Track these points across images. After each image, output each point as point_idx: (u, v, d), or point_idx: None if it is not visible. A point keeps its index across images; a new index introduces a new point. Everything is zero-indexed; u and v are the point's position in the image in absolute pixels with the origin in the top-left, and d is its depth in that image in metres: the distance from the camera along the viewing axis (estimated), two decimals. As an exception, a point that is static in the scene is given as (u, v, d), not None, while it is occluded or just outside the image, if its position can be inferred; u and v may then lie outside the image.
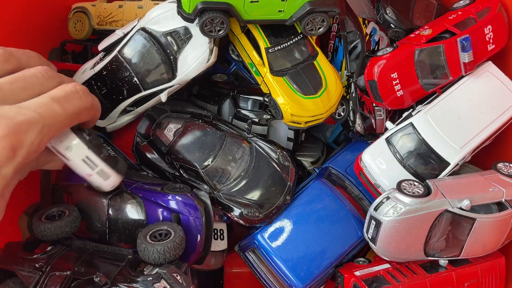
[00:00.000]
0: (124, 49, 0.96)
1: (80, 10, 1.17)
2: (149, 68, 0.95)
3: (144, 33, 0.94)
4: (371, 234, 0.88)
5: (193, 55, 0.94)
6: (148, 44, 0.94)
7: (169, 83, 0.95)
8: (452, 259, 0.90)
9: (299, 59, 0.98)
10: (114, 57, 0.96)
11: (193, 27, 0.93)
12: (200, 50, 0.93)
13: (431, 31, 0.97)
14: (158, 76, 0.95)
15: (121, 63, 0.96)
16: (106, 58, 0.98)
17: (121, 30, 0.98)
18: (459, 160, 0.92)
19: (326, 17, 0.93)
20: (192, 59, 0.94)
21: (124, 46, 0.96)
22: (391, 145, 0.96)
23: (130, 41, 0.95)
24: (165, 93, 0.96)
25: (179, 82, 0.95)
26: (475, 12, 0.98)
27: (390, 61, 0.96)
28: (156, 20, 0.95)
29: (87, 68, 1.00)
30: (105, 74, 0.98)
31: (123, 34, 0.97)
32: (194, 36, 0.94)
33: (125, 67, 0.96)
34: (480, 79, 0.97)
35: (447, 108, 0.95)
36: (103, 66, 0.98)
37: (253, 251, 0.99)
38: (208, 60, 0.94)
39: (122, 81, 0.97)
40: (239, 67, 1.12)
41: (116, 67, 0.97)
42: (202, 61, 0.94)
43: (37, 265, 0.73)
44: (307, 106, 0.95)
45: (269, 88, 0.97)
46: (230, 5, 0.87)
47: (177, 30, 0.94)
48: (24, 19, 1.10)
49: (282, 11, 0.90)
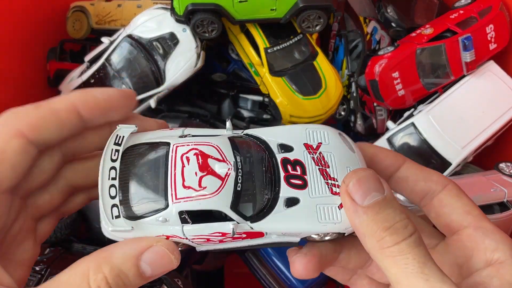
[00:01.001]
0: (111, 57, 0.96)
1: (79, 9, 1.16)
2: (137, 75, 0.95)
3: (131, 40, 0.95)
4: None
5: (180, 60, 0.94)
6: (135, 50, 0.95)
7: (158, 89, 0.95)
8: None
9: (298, 59, 0.98)
10: (101, 65, 0.97)
11: (179, 32, 0.94)
12: (187, 55, 0.93)
13: (433, 30, 0.96)
14: (146, 83, 0.96)
15: (109, 71, 0.96)
16: (93, 66, 0.98)
17: (107, 38, 0.98)
18: (461, 160, 0.92)
19: (321, 14, 0.92)
20: (180, 64, 0.94)
21: (111, 53, 0.96)
22: (392, 145, 0.95)
23: (117, 48, 0.96)
24: (154, 99, 0.96)
25: (168, 88, 0.96)
26: (477, 11, 0.97)
27: (391, 60, 0.95)
28: (142, 27, 0.95)
29: (74, 77, 1.01)
30: (93, 82, 0.98)
31: (110, 41, 0.97)
32: (180, 41, 0.94)
33: (113, 75, 0.96)
34: (482, 78, 0.97)
35: (449, 107, 0.95)
36: (91, 74, 0.98)
37: (253, 252, 0.99)
38: (196, 65, 0.94)
39: None
40: (239, 67, 1.12)
41: (104, 74, 0.97)
42: (190, 66, 0.94)
43: (36, 268, 0.72)
44: (306, 107, 0.95)
45: (268, 88, 0.97)
46: (219, 5, 0.87)
47: (164, 36, 0.94)
48: (22, 19, 1.09)
49: (275, 9, 0.90)
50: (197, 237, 0.39)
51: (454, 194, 0.43)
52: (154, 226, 0.38)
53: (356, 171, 0.37)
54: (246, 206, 0.39)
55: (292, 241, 0.41)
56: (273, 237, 0.40)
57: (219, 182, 0.38)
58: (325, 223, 0.38)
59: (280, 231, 0.39)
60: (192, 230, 0.38)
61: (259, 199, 0.39)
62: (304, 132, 0.43)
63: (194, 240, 0.39)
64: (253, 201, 0.39)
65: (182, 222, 0.38)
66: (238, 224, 0.38)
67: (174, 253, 0.37)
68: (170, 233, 0.38)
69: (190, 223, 0.38)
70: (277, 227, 0.39)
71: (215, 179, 0.38)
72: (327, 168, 0.40)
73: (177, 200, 0.37)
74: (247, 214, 0.39)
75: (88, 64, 1.01)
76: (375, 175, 0.37)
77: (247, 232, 0.39)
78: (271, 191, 0.39)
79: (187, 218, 0.38)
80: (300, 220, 0.38)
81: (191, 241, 0.39)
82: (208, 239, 0.39)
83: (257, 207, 0.39)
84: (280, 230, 0.39)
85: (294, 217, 0.38)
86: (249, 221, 0.38)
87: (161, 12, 0.95)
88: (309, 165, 0.40)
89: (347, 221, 0.37)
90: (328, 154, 0.41)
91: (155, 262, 0.37)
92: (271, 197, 0.39)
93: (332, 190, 0.39)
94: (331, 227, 0.38)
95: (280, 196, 0.39)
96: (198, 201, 0.37)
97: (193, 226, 0.38)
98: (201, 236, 0.39)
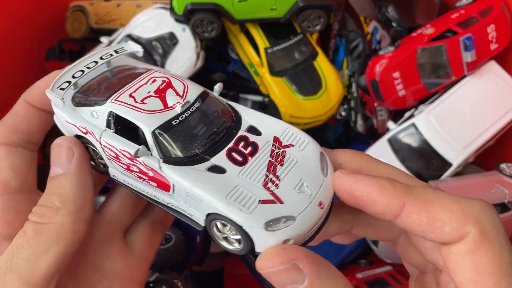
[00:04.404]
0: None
1: (78, 9, 1.16)
2: None
3: (130, 39, 0.94)
4: (372, 236, 0.87)
5: (180, 60, 0.93)
6: None
7: None
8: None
9: (298, 60, 0.97)
10: None
11: (179, 32, 0.93)
12: (187, 55, 0.93)
13: (434, 30, 0.96)
14: None
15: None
16: None
17: (106, 38, 0.97)
18: (462, 161, 0.91)
19: (322, 13, 0.91)
20: (179, 64, 0.93)
21: None
22: (393, 145, 0.95)
23: None
24: None
25: None
26: (478, 11, 0.97)
27: (392, 60, 0.94)
28: (141, 27, 0.94)
29: None
30: None
31: (109, 41, 0.96)
32: (180, 41, 0.93)
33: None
34: (483, 78, 0.96)
35: (450, 108, 0.94)
36: None
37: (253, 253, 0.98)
38: (196, 65, 0.94)
39: None
40: (239, 67, 1.11)
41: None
42: (190, 66, 0.94)
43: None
44: (306, 107, 0.94)
45: (268, 88, 0.96)
46: (219, 5, 0.87)
47: (163, 35, 0.94)
48: (22, 18, 1.09)
49: (275, 9, 0.90)
50: (108, 145, 0.38)
51: (469, 250, 0.30)
52: (83, 115, 0.40)
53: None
54: (170, 145, 0.36)
55: (196, 219, 0.37)
56: (180, 201, 0.37)
57: (161, 107, 0.37)
58: (231, 204, 0.33)
59: (185, 187, 0.35)
60: (108, 136, 0.38)
61: (186, 148, 0.37)
62: (282, 129, 0.39)
63: (105, 148, 0.39)
64: (179, 146, 0.36)
65: (106, 124, 0.38)
66: (146, 151, 0.36)
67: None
68: (90, 129, 0.39)
69: (112, 130, 0.38)
70: (184, 181, 0.35)
71: (159, 103, 0.38)
72: (278, 164, 0.36)
73: (115, 102, 0.38)
74: (166, 153, 0.36)
75: (87, 64, 1.00)
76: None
77: (155, 174, 0.37)
78: (205, 150, 0.37)
79: (112, 124, 0.38)
80: (210, 186, 0.34)
81: (102, 147, 0.39)
82: (117, 155, 0.38)
83: (180, 154, 0.36)
84: (185, 186, 0.35)
85: (207, 181, 0.35)
86: (162, 159, 0.36)
87: (161, 11, 0.95)
88: (263, 152, 0.37)
89: (252, 219, 0.33)
90: (291, 157, 0.37)
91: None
92: (200, 155, 0.36)
93: (266, 184, 0.35)
94: (233, 211, 0.33)
95: (210, 160, 0.36)
96: (130, 109, 0.37)
97: (112, 134, 0.38)
98: (113, 147, 0.38)
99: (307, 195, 0.35)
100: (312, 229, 0.35)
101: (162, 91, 0.39)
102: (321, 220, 0.36)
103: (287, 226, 0.33)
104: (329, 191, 0.36)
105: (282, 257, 0.31)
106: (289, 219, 0.33)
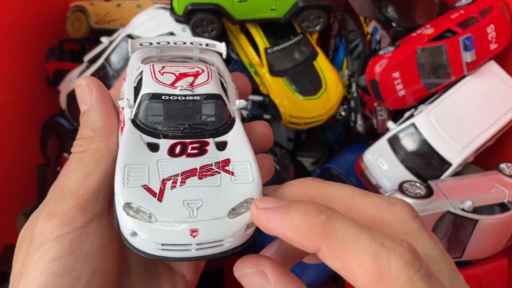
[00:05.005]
0: (111, 57, 0.96)
1: (78, 9, 1.16)
2: None
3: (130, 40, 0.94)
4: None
5: None
6: None
7: None
8: (454, 260, 0.89)
9: (298, 60, 0.97)
10: (101, 65, 0.96)
11: (179, 32, 0.93)
12: None
13: (433, 30, 0.96)
14: None
15: (108, 71, 0.96)
16: (92, 66, 0.98)
17: (107, 38, 0.98)
18: (462, 160, 0.91)
19: (322, 14, 0.92)
20: None
21: (111, 53, 0.96)
22: (392, 145, 0.95)
23: (117, 48, 0.95)
24: None
25: None
26: (478, 11, 0.97)
27: (391, 60, 0.95)
28: (141, 27, 0.94)
29: (74, 77, 1.00)
30: None
31: (109, 41, 0.97)
32: None
33: (113, 75, 0.96)
34: (483, 78, 0.96)
35: (450, 108, 0.94)
36: (90, 74, 0.98)
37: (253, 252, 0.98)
38: None
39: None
40: (239, 67, 1.11)
41: (103, 75, 0.96)
42: None
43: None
44: (306, 107, 0.94)
45: (267, 89, 0.96)
46: (219, 5, 0.87)
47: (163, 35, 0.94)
48: (21, 18, 1.09)
49: (275, 9, 0.90)
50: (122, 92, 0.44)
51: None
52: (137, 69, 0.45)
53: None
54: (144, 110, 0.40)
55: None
56: None
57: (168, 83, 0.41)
58: (124, 172, 0.35)
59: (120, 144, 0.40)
60: (127, 85, 0.44)
61: (153, 120, 0.40)
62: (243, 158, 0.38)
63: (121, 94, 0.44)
64: (149, 115, 0.40)
65: (134, 78, 0.44)
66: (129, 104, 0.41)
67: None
68: (127, 79, 0.45)
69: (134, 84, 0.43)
70: (122, 142, 0.38)
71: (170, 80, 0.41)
72: (198, 175, 0.36)
73: (149, 65, 0.44)
74: (137, 114, 0.40)
75: (87, 64, 1.00)
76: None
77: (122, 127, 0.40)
78: (164, 131, 0.39)
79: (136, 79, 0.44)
80: (127, 151, 0.37)
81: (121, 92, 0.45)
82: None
83: (144, 121, 0.40)
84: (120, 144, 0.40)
85: (132, 147, 0.38)
86: (131, 118, 0.40)
87: (161, 12, 0.95)
88: (201, 160, 0.37)
89: (123, 192, 0.33)
90: (217, 181, 0.36)
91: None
92: (157, 131, 0.39)
93: (168, 179, 0.35)
94: (119, 176, 0.35)
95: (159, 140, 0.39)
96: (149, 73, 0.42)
97: (131, 84, 0.44)
98: (123, 93, 0.43)
99: (188, 213, 0.33)
100: (162, 246, 0.32)
101: (184, 75, 0.42)
102: (187, 248, 0.33)
103: (140, 220, 0.32)
104: (220, 231, 0.33)
105: (250, 262, 0.34)
106: (151, 216, 0.32)
